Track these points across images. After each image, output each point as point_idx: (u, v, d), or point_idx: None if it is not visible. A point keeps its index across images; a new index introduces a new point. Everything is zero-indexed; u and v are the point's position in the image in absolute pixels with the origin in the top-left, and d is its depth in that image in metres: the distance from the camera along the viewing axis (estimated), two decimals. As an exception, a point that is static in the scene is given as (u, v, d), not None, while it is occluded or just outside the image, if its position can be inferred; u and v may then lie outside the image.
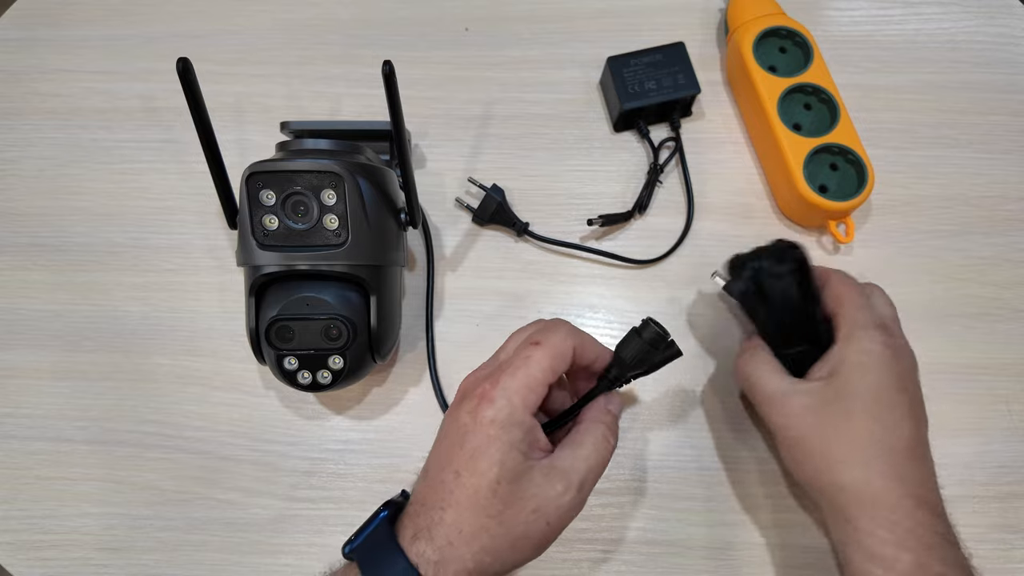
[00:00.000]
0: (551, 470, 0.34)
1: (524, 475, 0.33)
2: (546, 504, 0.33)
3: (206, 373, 0.49)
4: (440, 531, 0.32)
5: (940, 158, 0.53)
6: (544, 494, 0.33)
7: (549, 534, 0.34)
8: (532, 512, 0.33)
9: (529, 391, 0.34)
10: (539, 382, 0.34)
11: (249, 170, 0.40)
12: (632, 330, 0.38)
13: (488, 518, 0.32)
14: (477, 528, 0.32)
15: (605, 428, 0.36)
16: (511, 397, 0.34)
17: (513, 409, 0.33)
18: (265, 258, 0.40)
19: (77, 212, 0.52)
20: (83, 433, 0.48)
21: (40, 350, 0.49)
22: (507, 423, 0.33)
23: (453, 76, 0.55)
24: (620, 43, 0.53)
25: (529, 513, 0.33)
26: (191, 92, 0.37)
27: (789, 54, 0.52)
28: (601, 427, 0.36)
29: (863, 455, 0.36)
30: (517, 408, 0.33)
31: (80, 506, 0.46)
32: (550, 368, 0.35)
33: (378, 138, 0.49)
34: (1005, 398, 0.48)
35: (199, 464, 0.47)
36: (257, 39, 0.56)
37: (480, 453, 0.33)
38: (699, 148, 0.53)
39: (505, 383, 0.34)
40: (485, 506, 0.32)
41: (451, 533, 0.32)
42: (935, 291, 0.50)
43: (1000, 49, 0.56)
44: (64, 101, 0.55)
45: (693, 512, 0.46)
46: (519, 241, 0.51)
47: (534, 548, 0.34)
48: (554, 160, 0.53)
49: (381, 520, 0.35)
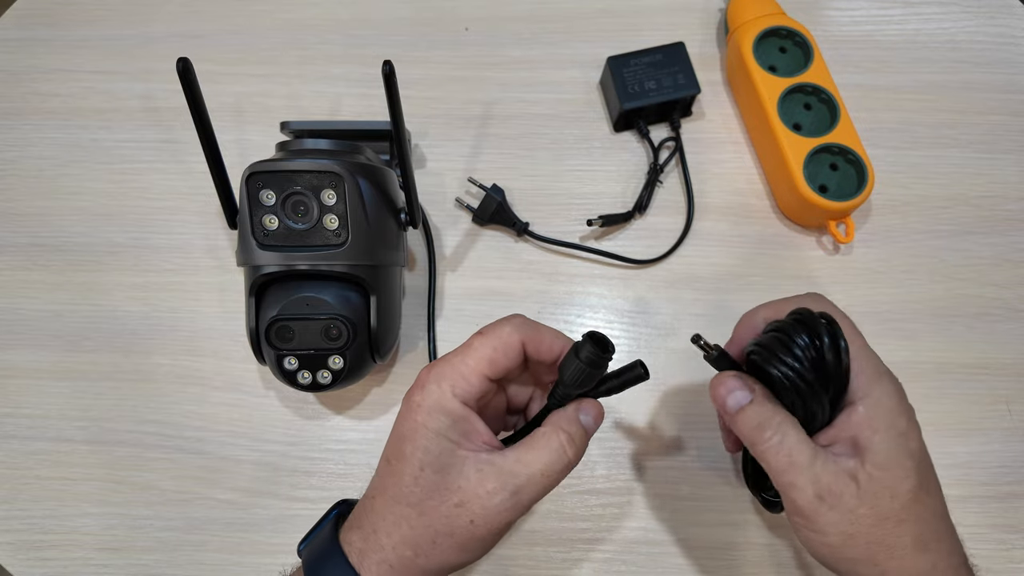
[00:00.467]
0: (487, 466, 0.31)
1: (452, 466, 0.31)
2: (471, 500, 0.31)
3: (206, 373, 0.49)
4: (368, 519, 0.32)
5: (940, 158, 0.53)
6: (471, 489, 0.31)
7: (476, 534, 0.31)
8: (455, 506, 0.31)
9: (461, 379, 0.32)
10: (473, 371, 0.32)
11: (249, 170, 0.40)
12: (572, 346, 0.33)
13: (408, 507, 0.31)
14: (398, 516, 0.31)
15: (565, 437, 0.32)
16: (441, 383, 0.32)
17: (442, 395, 0.32)
18: (265, 258, 0.40)
19: (77, 212, 0.52)
20: (83, 433, 0.48)
21: (40, 350, 0.49)
22: (433, 409, 0.32)
23: (453, 76, 0.55)
24: (620, 43, 0.53)
25: (452, 507, 0.31)
26: (191, 92, 0.37)
27: (789, 54, 0.52)
28: (560, 435, 0.32)
29: (925, 536, 0.32)
30: (446, 394, 0.32)
31: (80, 506, 0.46)
32: (488, 359, 0.33)
33: (378, 138, 0.49)
34: (1005, 398, 0.48)
35: (199, 464, 0.47)
36: (257, 39, 0.56)
37: (406, 439, 0.32)
38: (699, 148, 0.53)
39: (439, 369, 0.33)
40: (407, 494, 0.31)
41: (376, 520, 0.32)
42: (935, 291, 0.50)
43: (1000, 49, 0.56)
44: (64, 101, 0.55)
45: (693, 512, 0.46)
46: (519, 241, 0.51)
47: (459, 548, 0.31)
48: (554, 160, 0.53)
49: (330, 519, 0.34)
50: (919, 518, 0.31)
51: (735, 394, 0.34)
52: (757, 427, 0.32)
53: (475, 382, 0.32)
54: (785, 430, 0.32)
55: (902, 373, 0.48)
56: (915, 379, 0.48)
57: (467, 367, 0.33)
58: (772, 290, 0.50)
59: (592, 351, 0.32)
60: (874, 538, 0.31)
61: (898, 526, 0.31)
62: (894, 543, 0.31)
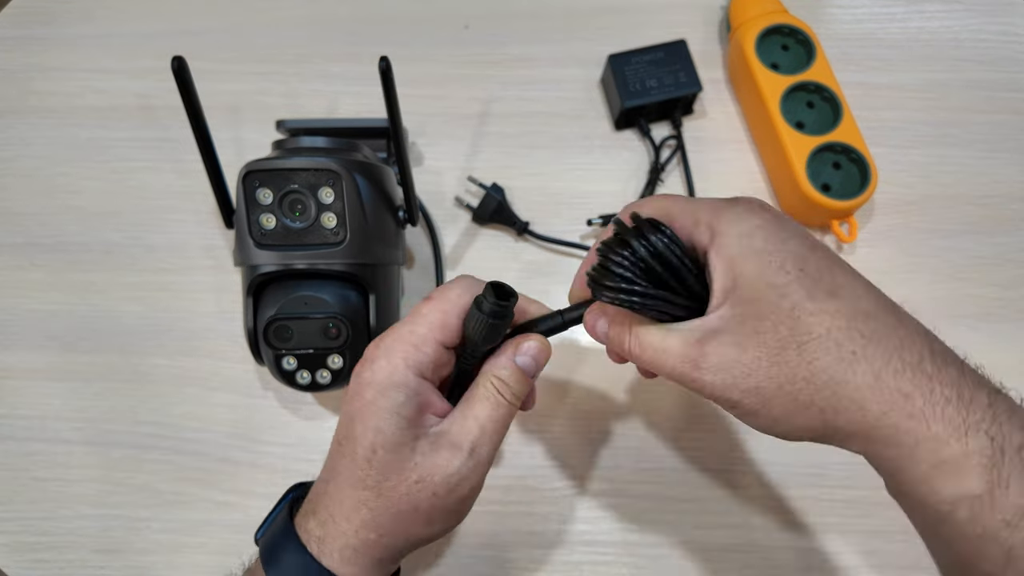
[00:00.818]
0: (439, 436, 0.30)
1: (406, 443, 0.30)
2: (431, 473, 0.29)
3: (204, 374, 0.48)
4: (323, 504, 0.31)
5: (943, 157, 0.53)
6: (429, 463, 0.30)
7: (441, 506, 0.30)
8: (415, 483, 0.29)
9: (413, 348, 0.30)
10: (425, 339, 0.30)
11: (246, 168, 0.39)
12: (473, 300, 0.31)
13: (365, 490, 0.30)
14: (356, 501, 0.30)
15: (498, 381, 0.31)
16: (391, 356, 0.30)
17: (393, 369, 0.30)
18: (263, 257, 0.40)
19: (73, 211, 0.52)
20: (80, 434, 0.47)
21: (37, 351, 0.49)
22: (386, 385, 0.30)
23: (453, 74, 0.55)
24: (621, 41, 0.53)
25: (412, 484, 0.29)
26: (186, 90, 0.37)
27: (791, 52, 0.52)
28: (492, 381, 0.31)
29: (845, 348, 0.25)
30: (398, 368, 0.30)
31: (77, 507, 0.46)
32: (439, 324, 0.31)
33: (375, 135, 0.48)
34: (1009, 398, 0.47)
35: (197, 465, 0.47)
36: (254, 37, 0.56)
37: (356, 418, 0.30)
38: (701, 146, 0.53)
39: (387, 342, 0.31)
40: (362, 477, 0.30)
41: (332, 505, 0.30)
42: (938, 291, 0.50)
43: (1004, 47, 0.55)
44: (60, 100, 0.54)
45: (693, 514, 0.45)
46: (519, 240, 0.51)
47: (426, 522, 0.30)
48: (555, 159, 0.53)
49: (282, 505, 0.33)
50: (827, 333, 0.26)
51: (598, 323, 0.32)
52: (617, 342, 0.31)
53: (429, 351, 0.31)
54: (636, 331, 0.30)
55: (905, 373, 0.48)
56: (918, 379, 0.48)
57: (418, 336, 0.31)
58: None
59: (495, 304, 0.30)
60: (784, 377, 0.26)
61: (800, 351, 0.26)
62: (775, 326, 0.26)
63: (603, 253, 0.29)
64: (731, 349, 0.27)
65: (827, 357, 0.26)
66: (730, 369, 0.27)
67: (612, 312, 0.31)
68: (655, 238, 0.28)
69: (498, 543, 0.45)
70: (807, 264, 0.27)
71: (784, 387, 0.26)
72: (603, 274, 0.29)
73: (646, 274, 0.28)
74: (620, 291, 0.28)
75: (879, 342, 0.26)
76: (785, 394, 0.26)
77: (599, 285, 0.29)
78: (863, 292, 0.28)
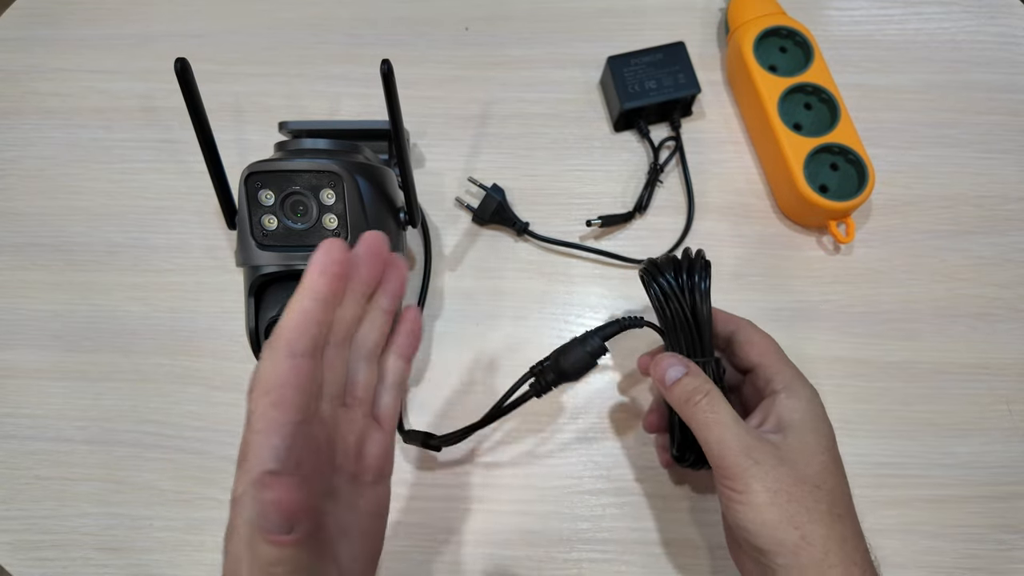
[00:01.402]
0: None
1: None
2: None
3: (206, 373, 0.49)
4: None
5: (941, 158, 0.53)
6: None
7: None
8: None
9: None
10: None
11: (248, 170, 0.40)
12: (577, 338, 0.39)
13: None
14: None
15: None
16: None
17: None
18: (264, 258, 0.40)
19: (76, 212, 0.52)
20: (83, 433, 0.48)
21: (40, 350, 0.49)
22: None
23: (453, 75, 0.55)
24: (620, 42, 0.53)
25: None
26: (189, 92, 0.37)
27: (789, 54, 0.52)
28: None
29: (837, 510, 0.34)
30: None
31: (80, 506, 0.46)
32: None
33: (377, 137, 0.49)
34: (1005, 398, 0.48)
35: (199, 464, 0.47)
36: (257, 38, 0.56)
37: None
38: (699, 148, 0.53)
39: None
40: None
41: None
42: (936, 291, 0.50)
43: (1001, 49, 0.56)
44: (63, 101, 0.55)
45: (693, 512, 0.45)
46: (519, 241, 0.51)
47: None
48: (554, 160, 0.53)
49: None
50: (831, 490, 0.34)
51: (672, 369, 0.37)
52: (692, 391, 0.36)
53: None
54: (714, 395, 0.36)
55: (903, 373, 0.48)
56: (915, 379, 0.48)
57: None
58: (772, 290, 0.50)
59: (599, 345, 0.37)
60: (795, 496, 0.33)
61: (815, 491, 0.33)
62: (812, 506, 0.33)
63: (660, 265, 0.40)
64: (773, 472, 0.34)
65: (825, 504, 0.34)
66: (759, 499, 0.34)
67: (694, 367, 0.37)
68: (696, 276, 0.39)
69: (498, 542, 0.45)
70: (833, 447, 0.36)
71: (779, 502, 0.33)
72: (654, 270, 0.40)
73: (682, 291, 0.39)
74: (662, 287, 0.39)
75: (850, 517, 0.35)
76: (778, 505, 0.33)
77: (651, 277, 0.40)
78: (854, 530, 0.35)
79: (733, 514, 0.34)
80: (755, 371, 0.39)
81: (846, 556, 0.33)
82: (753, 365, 0.39)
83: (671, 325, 0.40)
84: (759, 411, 0.37)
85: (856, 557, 0.33)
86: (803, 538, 0.33)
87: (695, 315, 0.39)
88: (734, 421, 0.35)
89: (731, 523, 0.35)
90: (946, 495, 0.46)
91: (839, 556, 0.33)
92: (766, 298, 0.50)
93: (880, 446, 0.47)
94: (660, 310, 0.40)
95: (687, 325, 0.39)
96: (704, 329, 0.39)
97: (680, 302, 0.39)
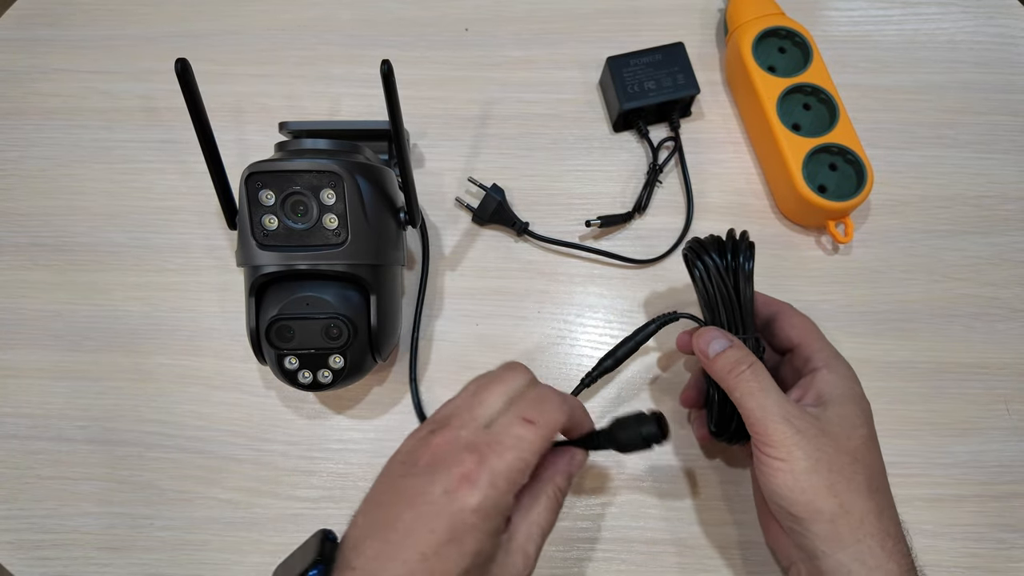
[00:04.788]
0: (510, 542, 0.32)
1: (492, 559, 0.31)
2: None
3: (207, 373, 0.49)
4: None
5: (939, 158, 0.53)
6: (504, 572, 0.31)
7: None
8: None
9: (519, 475, 0.31)
10: (529, 465, 0.31)
11: (248, 170, 0.40)
12: (635, 416, 0.36)
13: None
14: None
15: (557, 488, 0.34)
16: (498, 483, 0.30)
17: (499, 497, 0.30)
18: (265, 258, 0.40)
19: (78, 212, 0.52)
20: (84, 433, 0.48)
21: (41, 350, 0.49)
22: (491, 512, 0.30)
23: (453, 76, 0.55)
24: (619, 43, 0.53)
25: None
26: (189, 93, 0.37)
27: (788, 54, 0.52)
28: (554, 487, 0.34)
29: (873, 483, 0.35)
30: (503, 495, 0.30)
31: (81, 505, 0.46)
32: (541, 449, 0.32)
33: (377, 138, 0.49)
34: (1004, 398, 0.48)
35: (200, 464, 0.47)
36: (257, 39, 0.56)
37: (456, 541, 0.29)
38: (698, 148, 0.53)
39: (493, 465, 0.30)
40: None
41: None
42: (934, 291, 0.50)
43: (999, 49, 0.56)
44: (65, 101, 0.55)
45: (693, 511, 0.46)
46: (519, 241, 0.51)
47: None
48: (554, 160, 0.53)
49: (315, 558, 0.31)
50: (870, 464, 0.35)
51: (715, 342, 0.38)
52: (735, 362, 0.37)
53: (528, 474, 0.31)
54: (757, 367, 0.37)
55: (902, 373, 0.48)
56: (914, 379, 0.48)
57: (525, 463, 0.31)
58: (771, 290, 0.49)
59: (655, 432, 0.35)
60: (835, 466, 0.34)
61: (854, 463, 0.35)
62: (851, 477, 0.34)
63: (706, 245, 0.41)
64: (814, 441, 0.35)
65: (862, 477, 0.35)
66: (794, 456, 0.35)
67: (737, 341, 0.38)
68: (741, 256, 0.40)
69: (498, 541, 0.45)
70: (871, 426, 0.37)
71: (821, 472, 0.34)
72: (700, 250, 0.41)
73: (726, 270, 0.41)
74: (707, 266, 0.41)
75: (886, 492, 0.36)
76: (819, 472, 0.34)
77: (696, 255, 0.41)
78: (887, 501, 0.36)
79: (772, 482, 0.35)
80: (795, 351, 0.40)
81: (881, 528, 0.34)
82: (793, 345, 0.40)
83: (714, 302, 0.41)
84: (798, 387, 0.38)
85: (891, 529, 0.34)
86: (841, 506, 0.34)
87: (738, 294, 0.40)
88: (776, 391, 0.36)
89: (768, 492, 0.36)
90: (945, 494, 0.46)
91: (875, 527, 0.34)
92: (765, 298, 0.50)
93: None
94: (704, 288, 0.41)
95: (730, 303, 0.40)
96: (747, 308, 0.40)
97: (724, 281, 0.40)
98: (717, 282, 0.40)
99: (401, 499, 0.30)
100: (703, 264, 0.41)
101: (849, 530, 0.33)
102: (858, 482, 0.34)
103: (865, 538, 0.33)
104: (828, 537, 0.34)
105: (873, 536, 0.34)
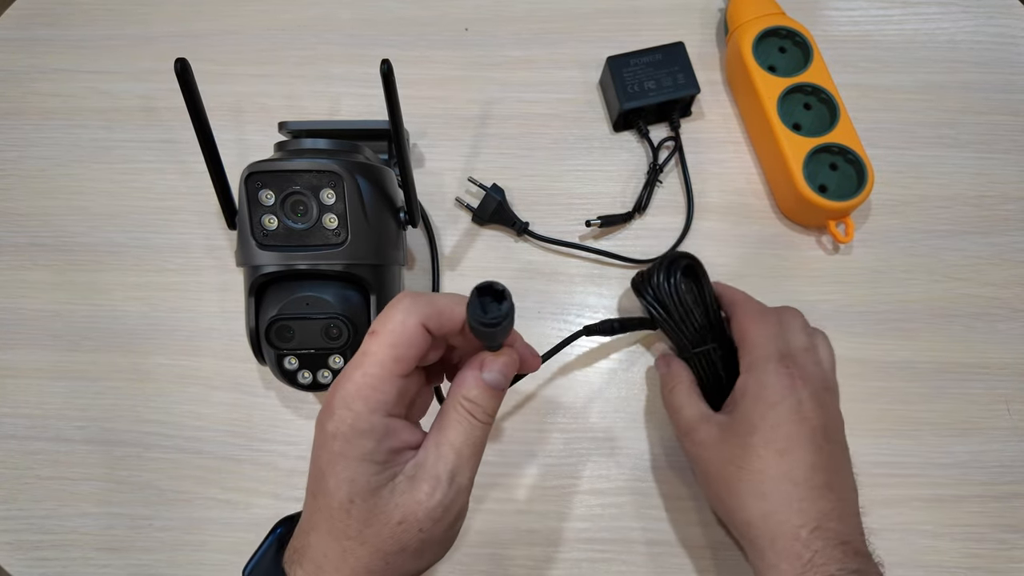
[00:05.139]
0: (417, 470, 0.30)
1: (383, 486, 0.29)
2: (413, 511, 0.29)
3: (206, 373, 0.49)
4: (308, 556, 0.30)
5: (939, 158, 0.53)
6: (410, 500, 0.29)
7: (429, 539, 0.30)
8: (398, 524, 0.29)
9: (372, 391, 0.29)
10: (381, 378, 0.29)
11: (248, 170, 0.40)
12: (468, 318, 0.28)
13: (348, 540, 0.29)
14: (340, 552, 0.29)
15: (468, 403, 0.31)
16: (352, 404, 0.28)
17: (356, 417, 0.28)
18: (265, 258, 0.40)
19: (77, 212, 0.52)
20: (83, 433, 0.48)
21: (40, 350, 0.49)
22: (351, 435, 0.28)
23: (453, 76, 0.55)
24: (620, 43, 0.53)
25: (395, 526, 0.29)
26: (189, 93, 0.37)
27: (789, 54, 0.52)
28: (462, 403, 0.31)
29: (761, 488, 0.36)
30: (361, 415, 0.28)
31: (80, 506, 0.46)
32: (392, 358, 0.29)
33: (377, 137, 0.49)
34: (1004, 398, 0.48)
35: (199, 464, 0.47)
36: (257, 39, 0.56)
37: (327, 472, 0.29)
38: (699, 148, 0.53)
39: (344, 389, 0.29)
40: (343, 528, 0.29)
41: (318, 557, 0.29)
42: (934, 291, 0.50)
43: (1000, 49, 0.56)
44: (64, 101, 0.55)
45: (693, 512, 0.46)
46: (519, 241, 0.51)
47: (416, 556, 0.30)
48: (554, 160, 0.53)
49: (271, 542, 0.32)
50: (760, 469, 0.37)
51: (659, 367, 0.47)
52: (664, 383, 0.45)
53: (388, 388, 0.29)
54: (681, 387, 0.43)
55: (902, 373, 0.48)
56: (914, 379, 0.48)
57: (373, 376, 0.29)
58: (771, 290, 0.50)
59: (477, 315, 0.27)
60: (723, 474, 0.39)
61: (739, 470, 0.38)
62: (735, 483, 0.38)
63: (658, 269, 0.45)
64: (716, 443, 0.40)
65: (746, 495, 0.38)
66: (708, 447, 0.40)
67: (676, 364, 0.45)
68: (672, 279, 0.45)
69: (497, 541, 0.45)
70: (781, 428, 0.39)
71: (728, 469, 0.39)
72: (641, 283, 0.46)
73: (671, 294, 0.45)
74: (655, 297, 0.45)
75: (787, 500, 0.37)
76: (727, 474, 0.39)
77: (639, 289, 0.46)
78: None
79: (693, 454, 0.42)
80: (739, 352, 0.43)
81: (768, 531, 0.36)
82: (738, 345, 0.43)
83: (666, 325, 0.45)
84: (731, 394, 0.41)
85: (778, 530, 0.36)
86: (727, 513, 0.39)
87: (684, 310, 0.44)
88: (695, 401, 0.42)
89: (691, 459, 0.43)
90: (945, 494, 0.46)
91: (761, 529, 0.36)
92: (765, 298, 0.49)
93: (879, 446, 0.47)
94: (654, 313, 0.45)
95: (678, 321, 0.45)
96: (689, 320, 0.44)
97: (666, 301, 0.45)
98: (664, 303, 0.45)
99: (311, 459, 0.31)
100: (648, 291, 0.45)
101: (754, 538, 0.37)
102: (741, 489, 0.37)
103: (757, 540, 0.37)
104: (743, 541, 0.38)
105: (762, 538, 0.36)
